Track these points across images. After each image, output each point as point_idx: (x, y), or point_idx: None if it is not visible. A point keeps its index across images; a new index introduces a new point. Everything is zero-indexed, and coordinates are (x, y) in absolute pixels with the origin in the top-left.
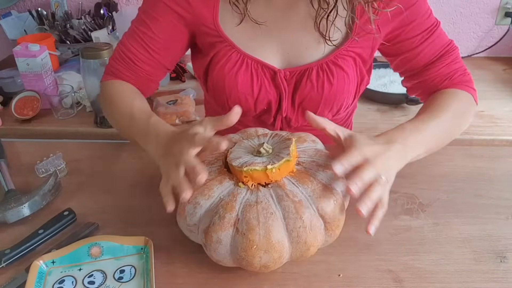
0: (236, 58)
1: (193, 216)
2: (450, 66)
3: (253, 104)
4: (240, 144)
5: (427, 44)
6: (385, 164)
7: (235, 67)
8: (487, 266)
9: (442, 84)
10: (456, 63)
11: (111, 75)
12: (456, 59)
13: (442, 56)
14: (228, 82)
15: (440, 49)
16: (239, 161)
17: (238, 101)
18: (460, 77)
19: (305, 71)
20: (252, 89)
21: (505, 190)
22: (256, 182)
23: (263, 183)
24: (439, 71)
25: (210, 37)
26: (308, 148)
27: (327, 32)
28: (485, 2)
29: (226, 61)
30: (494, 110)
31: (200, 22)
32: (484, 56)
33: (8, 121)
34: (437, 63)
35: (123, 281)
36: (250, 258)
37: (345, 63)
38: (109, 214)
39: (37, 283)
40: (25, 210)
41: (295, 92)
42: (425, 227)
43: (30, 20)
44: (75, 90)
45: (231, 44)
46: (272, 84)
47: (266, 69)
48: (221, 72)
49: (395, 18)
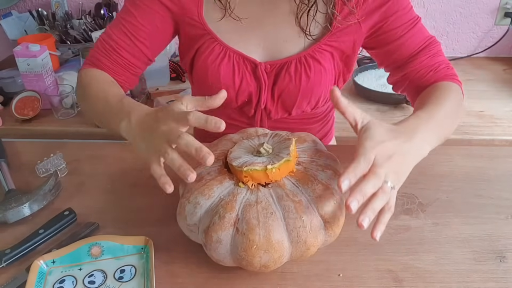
0: (219, 50)
1: (193, 216)
2: (434, 58)
3: (234, 96)
4: (240, 144)
5: (409, 36)
6: (397, 166)
7: (217, 59)
8: (486, 266)
9: (427, 76)
10: (439, 56)
11: (90, 64)
12: (439, 52)
13: (425, 48)
14: (211, 74)
15: (423, 42)
16: (239, 161)
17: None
18: (444, 70)
19: (284, 64)
20: (233, 81)
21: (505, 190)
22: (256, 182)
23: (263, 183)
24: (422, 62)
25: (194, 29)
26: (308, 148)
27: (308, 27)
28: (485, 2)
29: (209, 53)
30: (494, 110)
31: (185, 14)
32: (484, 56)
33: (9, 121)
34: (421, 55)
35: (123, 281)
36: (250, 258)
37: (322, 57)
38: (109, 214)
39: (38, 283)
40: (25, 210)
41: (275, 84)
42: (425, 227)
43: (31, 20)
44: (76, 90)
45: (214, 37)
46: (252, 77)
47: (248, 62)
48: (205, 64)
49: (376, 11)
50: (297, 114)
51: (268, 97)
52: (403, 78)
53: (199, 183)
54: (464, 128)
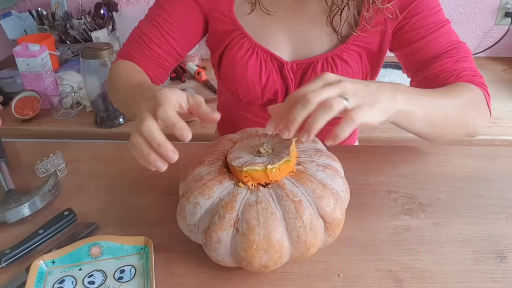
0: (248, 46)
1: (193, 216)
2: (458, 63)
3: (260, 93)
4: (240, 144)
5: (434, 37)
6: (359, 89)
7: (246, 55)
8: (487, 266)
9: (448, 81)
10: (465, 62)
11: (121, 57)
12: (466, 58)
13: (450, 51)
14: (238, 70)
15: (448, 44)
16: (239, 161)
17: (247, 89)
18: (470, 76)
19: (311, 64)
20: (260, 78)
21: (505, 190)
22: (256, 182)
23: (263, 183)
24: (445, 65)
25: (224, 25)
26: (308, 148)
27: (340, 28)
28: (485, 2)
29: (238, 49)
30: (494, 110)
31: (216, 9)
32: (484, 56)
33: (8, 121)
34: (443, 57)
35: (123, 281)
36: (250, 258)
37: (349, 57)
38: (109, 214)
39: (37, 283)
40: (25, 210)
41: (301, 83)
42: (425, 227)
43: (30, 20)
44: (75, 90)
45: (244, 33)
46: (279, 75)
47: (275, 60)
48: (233, 60)
49: (402, 11)
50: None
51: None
52: (422, 82)
53: (199, 183)
54: None
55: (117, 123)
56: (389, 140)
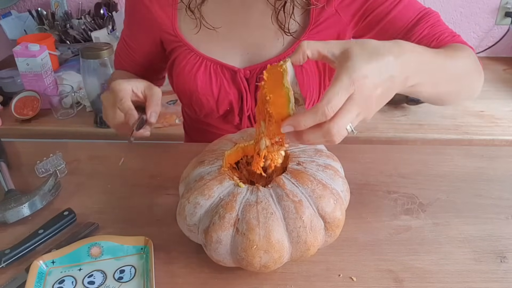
0: (195, 60)
1: (193, 216)
2: (434, 28)
3: (215, 105)
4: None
5: (399, 9)
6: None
7: (193, 69)
8: (487, 266)
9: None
10: (440, 25)
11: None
12: (439, 21)
13: (421, 18)
14: (188, 84)
15: (417, 13)
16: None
17: (200, 103)
18: (450, 38)
19: (264, 68)
20: (211, 90)
21: (505, 190)
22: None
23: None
24: (422, 33)
25: (171, 43)
26: (308, 148)
27: (286, 23)
28: (485, 2)
29: (186, 63)
30: (494, 110)
31: (162, 29)
32: (484, 56)
33: (8, 121)
34: (418, 26)
35: (123, 281)
36: (250, 258)
37: None
38: (109, 214)
39: (37, 283)
40: (25, 210)
41: (257, 89)
42: (425, 227)
43: (30, 20)
44: (75, 90)
45: (190, 47)
46: (232, 84)
47: (226, 70)
48: (182, 75)
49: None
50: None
51: (251, 104)
52: None
53: (199, 183)
54: (464, 128)
55: None
56: (389, 140)
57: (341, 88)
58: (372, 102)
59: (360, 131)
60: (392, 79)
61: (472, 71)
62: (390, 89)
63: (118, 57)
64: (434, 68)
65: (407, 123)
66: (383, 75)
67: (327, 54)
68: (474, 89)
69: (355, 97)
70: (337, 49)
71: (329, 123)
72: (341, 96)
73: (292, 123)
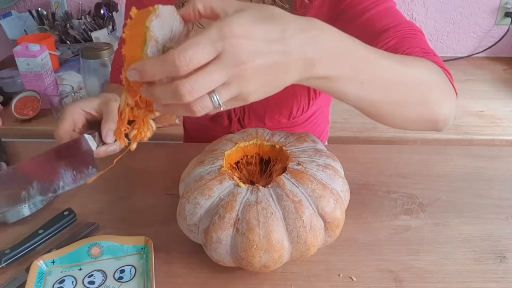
0: None
1: (193, 216)
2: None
3: None
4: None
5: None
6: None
7: None
8: (487, 266)
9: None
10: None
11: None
12: (414, 35)
13: (393, 27)
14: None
15: (391, 21)
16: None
17: None
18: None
19: None
20: None
21: (505, 190)
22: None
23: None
24: (388, 43)
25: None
26: (308, 148)
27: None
28: (485, 2)
29: None
30: (494, 110)
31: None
32: (484, 56)
33: (8, 121)
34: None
35: (123, 281)
36: (250, 258)
37: None
38: (109, 214)
39: (37, 283)
40: (25, 210)
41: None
42: (425, 227)
43: (30, 20)
44: (75, 90)
45: None
46: None
47: None
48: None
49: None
50: (273, 124)
51: (239, 108)
52: None
53: (199, 183)
54: (464, 128)
55: None
56: (389, 140)
57: (205, 39)
58: (248, 73)
59: (360, 131)
60: (285, 55)
61: (430, 84)
62: (278, 66)
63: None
64: (365, 62)
65: None
66: (272, 44)
67: (220, 12)
68: (434, 110)
69: (223, 58)
70: (232, 8)
71: (181, 80)
72: (203, 50)
73: (138, 67)
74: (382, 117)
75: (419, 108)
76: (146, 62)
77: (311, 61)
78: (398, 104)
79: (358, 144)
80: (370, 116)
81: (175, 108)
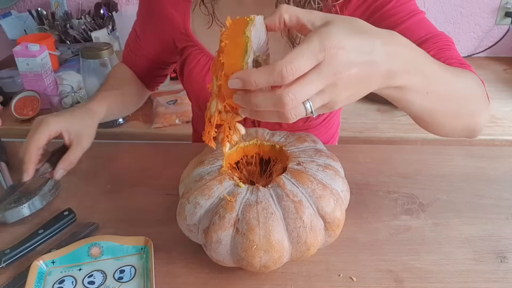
0: (205, 61)
1: (193, 216)
2: (442, 51)
3: None
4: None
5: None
6: (349, 84)
7: (203, 70)
8: (487, 266)
9: None
10: (449, 50)
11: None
12: (449, 46)
13: (429, 39)
14: (196, 85)
15: (426, 33)
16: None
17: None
18: (457, 65)
19: None
20: None
21: (505, 190)
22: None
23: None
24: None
25: (182, 42)
26: (308, 148)
27: (299, 39)
28: (485, 2)
29: (195, 64)
30: (494, 110)
31: (174, 27)
32: (484, 56)
33: (8, 121)
34: (424, 46)
35: (123, 281)
36: (250, 258)
37: None
38: (109, 214)
39: (37, 283)
40: (25, 210)
41: None
42: (425, 227)
43: (30, 20)
44: (75, 90)
45: (201, 47)
46: None
47: None
48: (191, 75)
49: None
50: (288, 126)
51: None
52: None
53: (199, 183)
54: None
55: (117, 123)
56: (389, 140)
57: (308, 50)
58: (343, 82)
59: (360, 131)
60: (373, 65)
61: (477, 96)
62: (367, 76)
63: (128, 48)
64: (432, 75)
65: (407, 123)
66: (364, 55)
67: (307, 23)
68: (476, 120)
69: (323, 68)
70: (319, 20)
71: (284, 88)
72: (306, 60)
73: (242, 76)
74: (434, 126)
75: (466, 119)
76: (251, 72)
77: (393, 72)
78: (451, 115)
79: (358, 144)
80: (422, 125)
81: (267, 115)
